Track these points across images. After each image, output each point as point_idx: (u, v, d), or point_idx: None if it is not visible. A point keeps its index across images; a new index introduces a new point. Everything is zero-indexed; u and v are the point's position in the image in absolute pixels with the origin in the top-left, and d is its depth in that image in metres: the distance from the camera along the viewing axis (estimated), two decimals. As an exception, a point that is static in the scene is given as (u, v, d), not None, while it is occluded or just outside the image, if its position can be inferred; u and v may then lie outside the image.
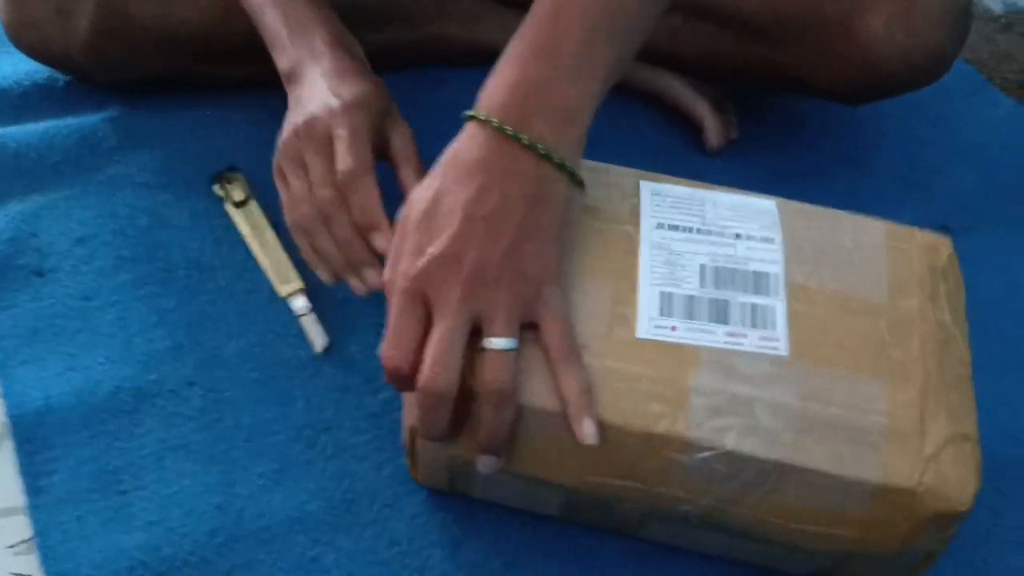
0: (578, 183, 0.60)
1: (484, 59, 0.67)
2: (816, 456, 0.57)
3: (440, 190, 0.59)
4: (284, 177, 0.71)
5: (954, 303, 0.64)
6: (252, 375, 0.75)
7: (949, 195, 0.93)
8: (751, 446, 0.58)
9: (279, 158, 0.71)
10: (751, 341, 0.60)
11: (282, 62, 0.75)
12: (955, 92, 1.02)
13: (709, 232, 0.64)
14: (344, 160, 0.68)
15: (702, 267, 0.63)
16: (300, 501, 0.69)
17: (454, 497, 0.70)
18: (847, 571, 0.64)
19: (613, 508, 0.64)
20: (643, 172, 0.67)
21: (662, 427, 0.58)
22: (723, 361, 0.59)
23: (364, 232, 0.69)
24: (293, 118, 0.70)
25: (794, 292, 0.62)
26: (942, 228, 0.92)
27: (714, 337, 0.60)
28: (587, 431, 0.57)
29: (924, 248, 0.65)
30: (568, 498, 0.65)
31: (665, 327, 0.60)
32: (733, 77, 0.93)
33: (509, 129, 0.58)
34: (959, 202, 0.93)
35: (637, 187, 0.66)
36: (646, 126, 0.96)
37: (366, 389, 0.75)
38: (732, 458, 0.58)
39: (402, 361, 0.57)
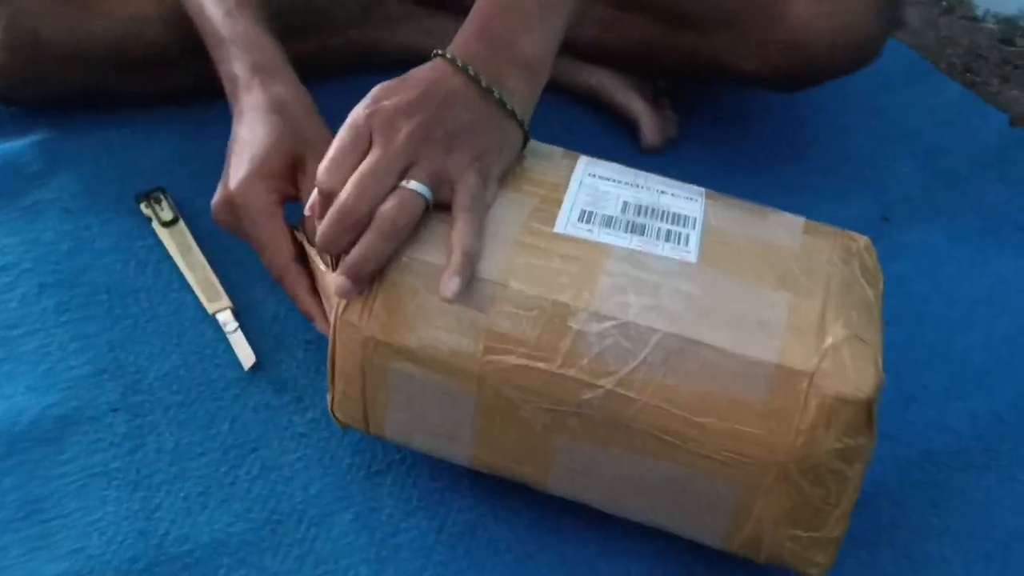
0: (526, 136, 0.66)
1: (406, 64, 0.68)
2: (716, 335, 0.58)
3: (405, 78, 0.63)
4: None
5: (869, 278, 0.63)
6: (176, 398, 0.74)
7: (889, 185, 0.92)
8: (652, 319, 0.59)
9: (216, 219, 0.73)
10: (662, 249, 0.62)
11: (225, 83, 0.75)
12: (898, 79, 1.02)
13: (637, 186, 0.66)
14: (265, 258, 0.70)
15: (624, 202, 0.65)
16: (225, 523, 0.68)
17: (380, 515, 0.69)
18: (756, 532, 0.62)
19: (518, 425, 0.63)
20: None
21: (566, 296, 0.60)
22: (634, 258, 0.61)
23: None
24: (223, 178, 0.72)
25: (709, 230, 0.63)
26: (882, 218, 0.91)
27: (628, 242, 0.62)
28: (450, 287, 0.58)
29: (842, 235, 0.65)
30: (479, 422, 0.63)
31: (583, 228, 0.62)
32: (667, 69, 0.93)
33: (482, 78, 0.63)
34: (899, 191, 0.92)
35: (575, 160, 0.68)
36: (580, 127, 0.96)
37: (294, 408, 0.74)
38: (633, 331, 0.59)
39: (335, 183, 0.60)
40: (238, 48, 0.74)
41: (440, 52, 0.64)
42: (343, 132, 0.61)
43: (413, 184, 0.60)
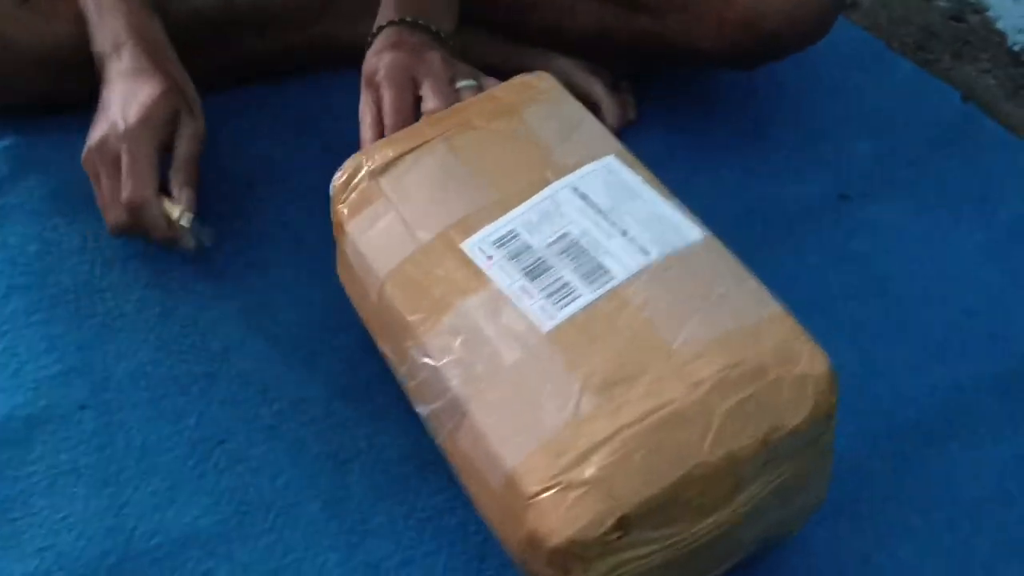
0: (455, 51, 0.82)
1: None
2: (485, 415, 0.59)
3: (378, 50, 0.80)
4: (94, 185, 0.80)
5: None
6: (144, 394, 0.75)
7: (847, 163, 0.93)
8: (452, 375, 0.60)
9: (84, 163, 0.80)
10: (531, 304, 0.61)
11: (94, 49, 0.83)
12: (852, 59, 1.02)
13: (606, 217, 0.65)
14: (126, 188, 0.77)
15: (565, 234, 0.64)
16: (193, 516, 0.69)
17: (349, 502, 0.69)
18: None
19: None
20: (623, 149, 0.70)
21: (415, 318, 0.63)
22: (494, 303, 0.62)
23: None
24: (92, 131, 0.80)
25: (609, 299, 0.61)
26: (840, 196, 0.92)
27: (509, 283, 0.62)
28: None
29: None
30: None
31: (487, 252, 0.64)
32: (625, 53, 0.94)
33: (420, 20, 0.80)
34: (857, 169, 0.92)
35: (598, 152, 0.69)
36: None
37: (260, 400, 0.75)
38: (438, 378, 0.61)
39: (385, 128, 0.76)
40: (111, 16, 0.82)
41: (379, 27, 0.81)
42: (363, 102, 0.78)
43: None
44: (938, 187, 0.91)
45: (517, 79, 0.76)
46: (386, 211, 0.68)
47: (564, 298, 0.61)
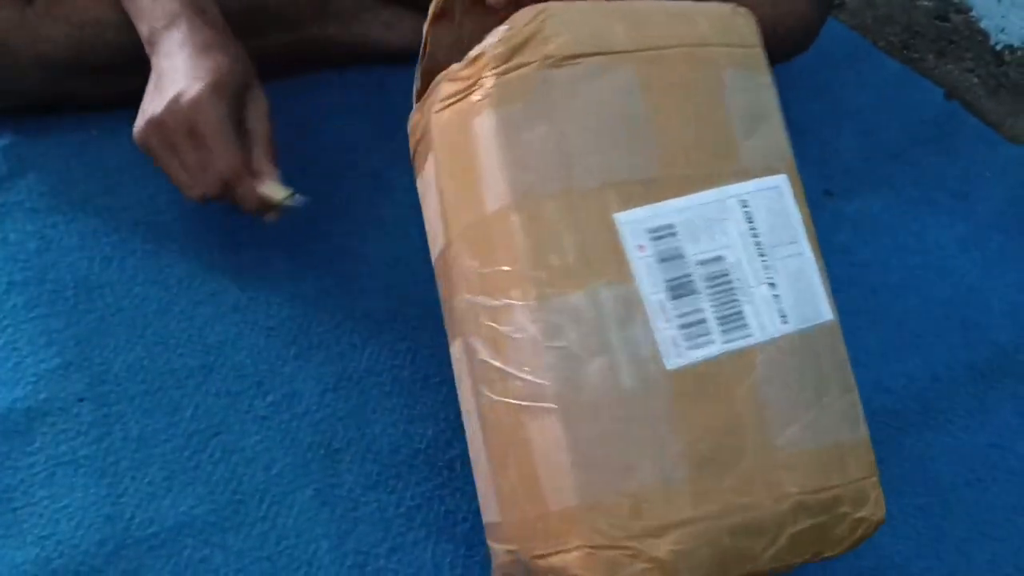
0: None
1: (362, 58, 0.69)
2: (574, 423, 0.54)
3: None
4: (159, 159, 0.75)
5: None
6: (141, 387, 0.76)
7: (832, 159, 0.95)
8: (558, 367, 0.54)
9: (145, 138, 0.74)
10: (665, 329, 0.55)
11: (141, 27, 0.78)
12: (839, 58, 1.04)
13: (762, 254, 0.59)
14: (220, 159, 0.72)
15: (720, 258, 0.57)
16: (189, 506, 0.71)
17: (340, 490, 0.71)
18: None
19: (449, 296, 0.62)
20: (793, 163, 0.64)
21: (536, 273, 0.54)
22: (632, 309, 0.54)
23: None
24: (152, 102, 0.74)
25: (739, 356, 0.57)
26: (825, 193, 0.94)
27: (652, 291, 0.55)
28: None
29: None
30: (440, 256, 0.64)
31: (637, 241, 0.55)
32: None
33: None
34: (842, 165, 0.94)
35: (775, 161, 0.62)
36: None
37: (255, 392, 0.76)
38: (537, 354, 0.54)
39: None
40: None
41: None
42: None
43: None
44: (920, 182, 0.93)
45: (715, 5, 0.62)
46: (547, 117, 0.56)
47: (698, 337, 0.55)
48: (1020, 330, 0.83)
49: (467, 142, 0.57)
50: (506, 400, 0.56)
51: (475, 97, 0.57)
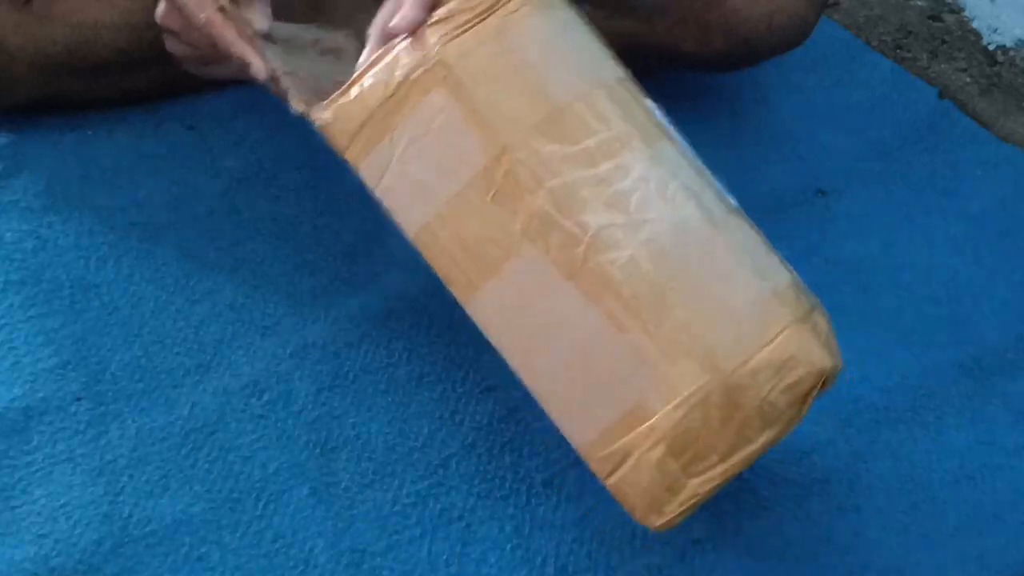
0: None
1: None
2: (732, 240, 0.62)
3: None
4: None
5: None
6: (138, 386, 0.77)
7: (824, 157, 0.96)
8: (687, 200, 0.60)
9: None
10: (707, 179, 0.63)
11: None
12: (832, 57, 1.05)
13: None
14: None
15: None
16: (186, 504, 0.71)
17: (336, 488, 0.72)
18: (635, 442, 0.60)
19: (499, 214, 0.62)
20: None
21: (631, 130, 0.62)
22: (689, 157, 0.64)
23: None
24: None
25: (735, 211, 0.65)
26: (818, 191, 0.94)
27: (686, 148, 0.64)
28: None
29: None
30: (468, 189, 0.63)
31: (659, 112, 0.64)
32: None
33: None
34: (834, 164, 0.95)
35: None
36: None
37: (251, 391, 0.77)
38: (668, 194, 0.61)
39: None
40: None
41: None
42: None
43: None
44: (912, 181, 0.94)
45: None
46: (572, 20, 0.66)
47: (726, 193, 0.64)
48: (1010, 328, 0.84)
49: (519, 47, 0.63)
50: (653, 243, 0.60)
51: (512, 6, 0.62)
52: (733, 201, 0.64)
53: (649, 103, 0.65)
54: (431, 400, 0.77)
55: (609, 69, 0.64)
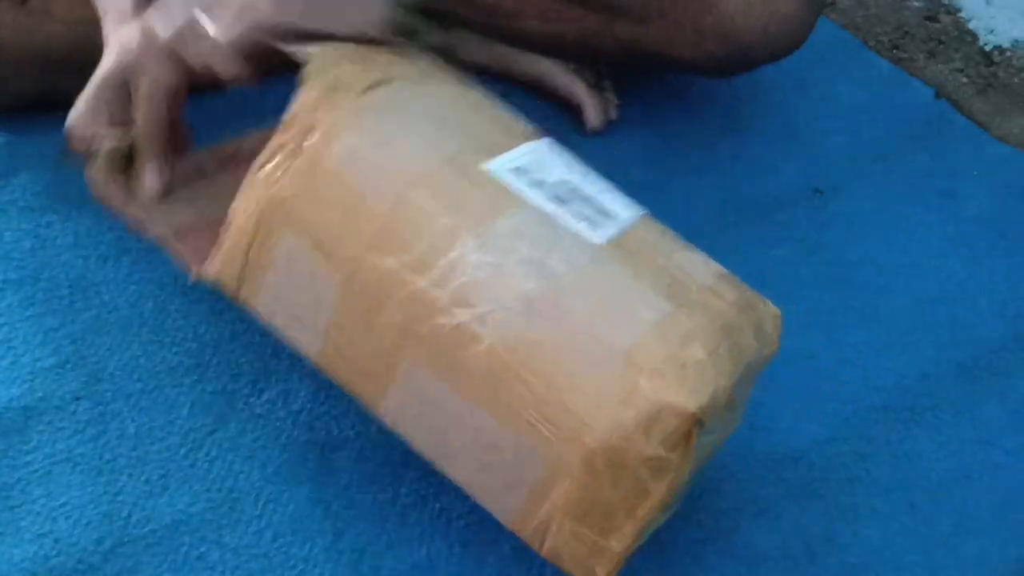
0: None
1: None
2: (582, 305, 0.60)
3: None
4: None
5: (761, 339, 0.64)
6: (137, 385, 0.77)
7: (821, 157, 0.96)
8: (530, 272, 0.60)
9: None
10: (576, 226, 0.62)
11: None
12: (829, 57, 1.05)
13: (584, 176, 0.67)
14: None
15: (563, 180, 0.65)
16: (185, 503, 0.71)
17: (335, 488, 0.72)
18: (547, 518, 0.61)
19: (371, 331, 0.63)
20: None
21: (465, 220, 0.61)
22: (543, 216, 0.62)
23: None
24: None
25: (629, 234, 0.64)
26: (815, 191, 0.95)
27: (545, 205, 0.63)
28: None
29: (753, 295, 0.65)
30: (339, 315, 0.64)
31: (511, 178, 0.63)
32: (607, 59, 0.96)
33: None
34: (831, 163, 0.96)
35: (539, 137, 0.69)
36: (527, 111, 0.98)
37: (250, 391, 0.77)
38: (507, 275, 0.60)
39: None
40: None
41: None
42: None
43: None
44: (908, 181, 0.94)
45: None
46: (386, 124, 0.65)
47: (597, 226, 0.63)
48: (1007, 327, 0.85)
49: (330, 174, 0.63)
50: (504, 329, 0.60)
51: (315, 137, 0.63)
52: (612, 228, 0.64)
53: (491, 165, 0.64)
54: (430, 400, 0.77)
55: (436, 149, 0.64)
